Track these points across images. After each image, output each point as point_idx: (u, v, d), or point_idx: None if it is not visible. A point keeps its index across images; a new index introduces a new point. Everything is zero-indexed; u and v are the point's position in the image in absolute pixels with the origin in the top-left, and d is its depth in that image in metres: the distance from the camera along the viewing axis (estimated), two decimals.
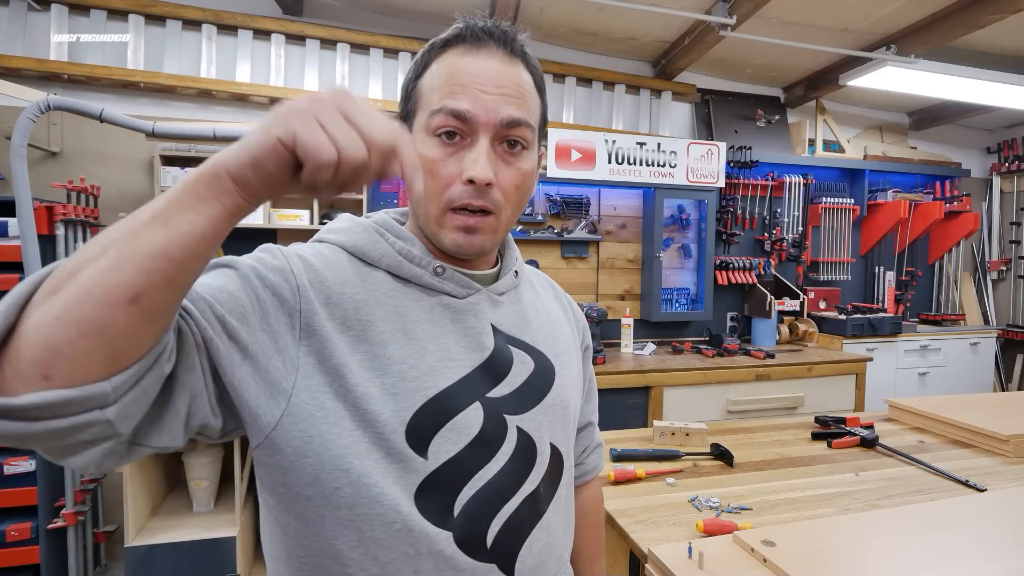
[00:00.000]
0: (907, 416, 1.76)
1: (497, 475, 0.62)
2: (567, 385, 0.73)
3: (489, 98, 0.61)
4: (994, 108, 3.66)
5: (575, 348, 0.81)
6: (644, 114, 3.40)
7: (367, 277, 0.64)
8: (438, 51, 0.64)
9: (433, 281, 0.65)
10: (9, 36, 2.42)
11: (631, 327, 3.02)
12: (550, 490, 0.69)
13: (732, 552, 0.91)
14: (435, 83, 0.62)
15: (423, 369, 0.61)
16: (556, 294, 0.87)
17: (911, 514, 1.03)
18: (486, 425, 0.62)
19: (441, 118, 0.61)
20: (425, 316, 0.64)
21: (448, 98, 0.60)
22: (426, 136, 0.62)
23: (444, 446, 0.60)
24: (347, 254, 0.66)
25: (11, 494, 2.03)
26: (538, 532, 0.66)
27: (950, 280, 4.06)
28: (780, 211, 3.56)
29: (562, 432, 0.71)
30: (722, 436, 1.60)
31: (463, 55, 0.62)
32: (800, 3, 2.70)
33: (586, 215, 3.17)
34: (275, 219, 2.55)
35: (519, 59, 0.65)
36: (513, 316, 0.71)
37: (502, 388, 0.65)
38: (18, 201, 1.88)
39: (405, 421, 0.58)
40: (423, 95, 0.64)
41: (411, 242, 0.66)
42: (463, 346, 0.64)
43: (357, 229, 0.67)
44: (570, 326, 0.83)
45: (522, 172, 0.64)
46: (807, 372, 2.83)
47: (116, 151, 2.55)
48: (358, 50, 2.87)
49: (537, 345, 0.71)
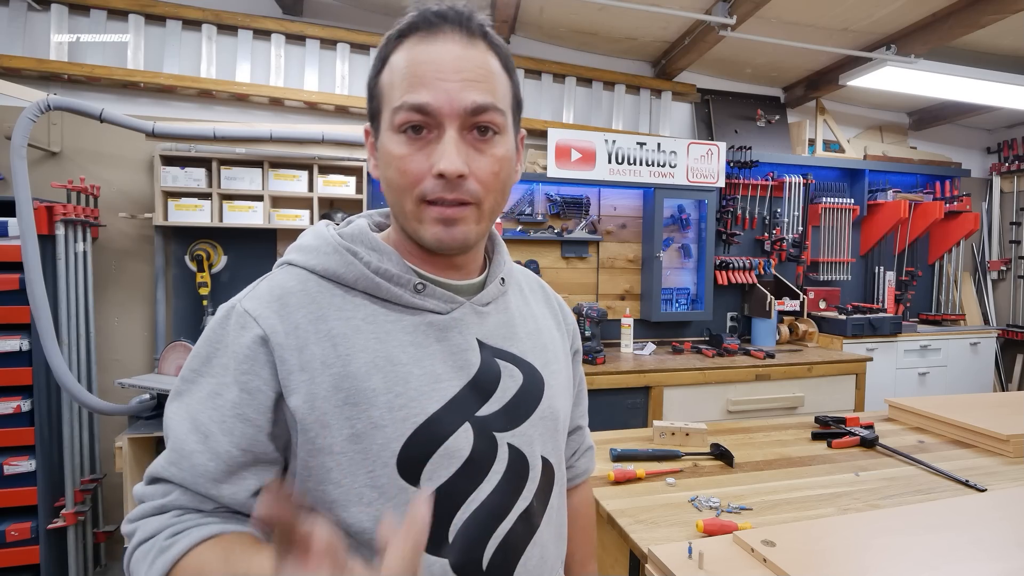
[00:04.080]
0: (907, 416, 1.76)
1: (490, 496, 0.62)
2: (556, 395, 0.72)
3: (450, 86, 0.57)
4: (994, 108, 3.66)
5: (564, 354, 0.79)
6: (644, 114, 3.40)
7: (342, 303, 0.61)
8: (394, 43, 0.61)
9: (414, 300, 0.63)
10: (9, 36, 2.42)
11: (631, 327, 3.01)
12: (542, 504, 0.68)
13: (732, 552, 0.91)
14: (394, 78, 0.59)
15: (410, 396, 0.59)
16: (546, 296, 0.83)
17: (911, 514, 1.03)
18: (476, 446, 0.61)
19: (403, 115, 0.58)
20: (408, 338, 0.61)
21: (408, 93, 0.58)
22: (392, 134, 0.59)
23: (436, 472, 0.59)
24: (317, 278, 0.62)
25: (11, 494, 2.03)
26: (532, 548, 0.65)
27: (950, 280, 4.06)
28: (780, 211, 3.56)
29: (552, 444, 0.70)
30: (722, 436, 1.60)
31: (418, 44, 0.59)
32: (800, 3, 2.70)
33: (586, 215, 3.17)
34: (275, 219, 2.55)
35: (480, 39, 0.61)
36: (500, 327, 0.69)
37: (491, 405, 0.64)
38: (18, 201, 1.88)
39: (396, 453, 0.58)
40: (385, 92, 0.61)
41: (387, 256, 0.63)
42: (449, 365, 0.62)
43: (327, 249, 0.63)
44: (559, 331, 0.80)
45: (497, 158, 0.61)
46: (807, 372, 2.83)
47: (116, 151, 2.55)
48: (358, 50, 2.87)
49: (525, 356, 0.69)
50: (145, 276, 2.61)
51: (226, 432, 0.57)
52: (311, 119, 2.85)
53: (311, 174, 2.62)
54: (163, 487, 0.59)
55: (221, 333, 0.60)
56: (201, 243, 2.60)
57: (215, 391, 0.58)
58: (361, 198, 2.68)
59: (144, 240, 2.59)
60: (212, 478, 0.57)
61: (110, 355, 2.58)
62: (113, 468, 2.14)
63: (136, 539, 0.58)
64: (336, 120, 2.88)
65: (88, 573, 2.34)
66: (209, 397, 0.58)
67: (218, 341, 0.60)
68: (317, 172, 2.61)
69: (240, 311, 0.60)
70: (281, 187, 2.57)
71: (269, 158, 2.55)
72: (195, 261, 2.56)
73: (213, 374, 0.59)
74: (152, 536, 0.57)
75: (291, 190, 2.58)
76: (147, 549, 0.56)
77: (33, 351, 2.03)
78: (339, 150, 2.58)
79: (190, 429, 0.58)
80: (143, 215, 2.49)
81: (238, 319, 0.59)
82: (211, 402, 0.58)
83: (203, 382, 0.59)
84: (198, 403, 0.59)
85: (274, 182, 2.57)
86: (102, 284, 2.54)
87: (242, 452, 0.57)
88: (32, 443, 2.04)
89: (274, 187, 2.56)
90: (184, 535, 0.56)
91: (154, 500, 0.59)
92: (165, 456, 0.59)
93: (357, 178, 2.67)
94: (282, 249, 2.71)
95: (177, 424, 0.59)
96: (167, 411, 0.61)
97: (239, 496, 0.59)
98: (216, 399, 0.58)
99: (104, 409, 2.02)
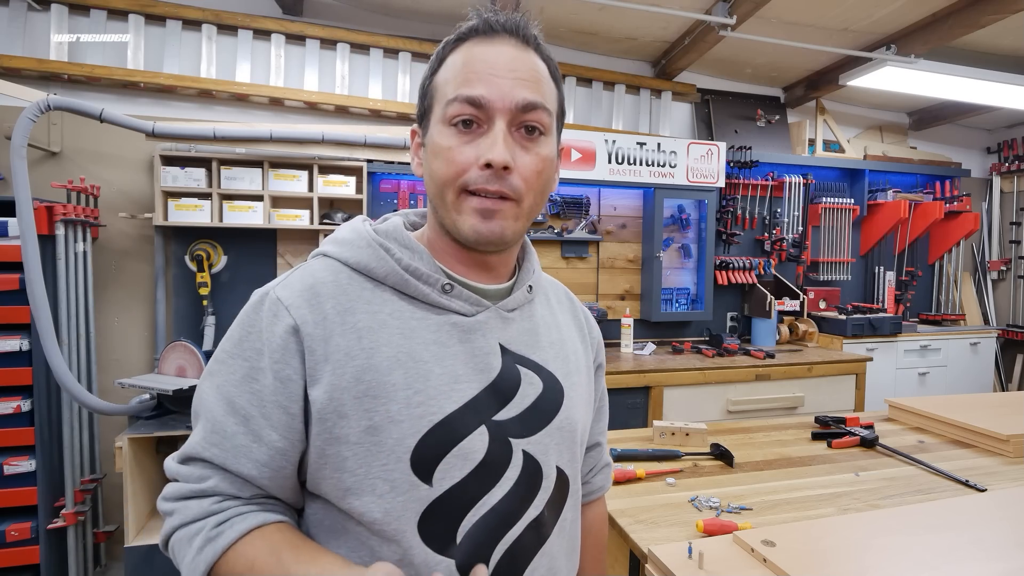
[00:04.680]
0: (907, 416, 1.76)
1: (501, 501, 0.62)
2: (576, 406, 0.71)
3: (503, 82, 0.60)
4: (994, 108, 3.66)
5: (586, 367, 0.78)
6: (644, 114, 3.40)
7: (371, 297, 0.63)
8: (452, 47, 0.64)
9: (441, 299, 0.64)
10: (9, 36, 2.42)
11: (631, 327, 3.01)
12: (554, 514, 0.68)
13: (732, 552, 0.91)
14: (449, 75, 0.62)
15: (429, 394, 0.60)
16: (573, 308, 0.83)
17: (911, 514, 1.03)
18: (491, 449, 0.62)
19: (456, 106, 0.60)
20: (432, 336, 0.62)
21: (463, 86, 0.60)
22: (443, 127, 0.62)
23: (449, 472, 0.59)
24: (349, 271, 0.64)
25: (11, 494, 2.03)
26: (540, 558, 0.65)
27: (950, 280, 4.06)
28: (780, 211, 3.56)
29: (569, 455, 0.70)
30: (722, 436, 1.60)
31: (475, 46, 0.62)
32: (800, 3, 2.70)
33: (586, 215, 3.17)
34: (275, 219, 2.55)
35: (533, 48, 0.64)
36: (523, 333, 0.69)
37: (509, 410, 0.64)
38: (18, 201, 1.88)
39: (410, 448, 0.58)
40: (439, 89, 0.63)
41: (419, 255, 0.65)
42: (470, 367, 0.63)
43: (360, 243, 0.65)
44: (583, 344, 0.80)
45: (541, 157, 0.63)
46: (807, 372, 2.83)
47: (116, 151, 2.55)
48: (358, 50, 2.87)
49: (547, 365, 0.69)
50: (145, 276, 2.61)
51: (266, 416, 0.59)
52: (311, 119, 2.85)
53: (311, 174, 2.62)
54: (200, 470, 0.60)
55: (255, 318, 0.61)
56: (201, 243, 2.60)
57: (249, 375, 0.60)
58: (361, 198, 2.68)
59: (144, 240, 2.59)
60: (255, 460, 0.59)
61: (110, 355, 2.58)
62: (113, 468, 2.13)
63: (176, 520, 0.59)
64: (336, 120, 2.88)
65: (88, 573, 2.34)
66: (244, 380, 0.60)
67: (251, 325, 0.61)
68: (317, 172, 2.61)
69: (273, 299, 0.61)
70: (281, 187, 2.57)
71: (269, 158, 2.55)
72: (195, 261, 2.56)
73: (246, 357, 0.60)
74: (193, 520, 0.59)
75: (291, 190, 2.58)
76: (190, 534, 0.58)
77: (33, 351, 2.03)
78: (339, 150, 2.58)
79: (227, 411, 0.59)
80: (143, 215, 2.49)
81: (271, 306, 0.61)
82: (247, 386, 0.59)
83: (237, 364, 0.61)
84: (234, 385, 0.60)
85: (274, 182, 2.57)
86: (102, 284, 2.54)
87: (281, 437, 0.59)
88: (32, 443, 2.03)
89: (274, 187, 2.56)
90: (229, 525, 0.58)
91: (191, 483, 0.60)
92: (201, 435, 0.60)
93: (357, 178, 2.67)
94: (282, 249, 2.71)
95: (214, 404, 0.60)
96: (200, 388, 0.63)
97: (278, 481, 0.60)
98: (252, 383, 0.59)
99: (104, 409, 2.02)
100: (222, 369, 0.61)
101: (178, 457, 0.62)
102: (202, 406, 0.61)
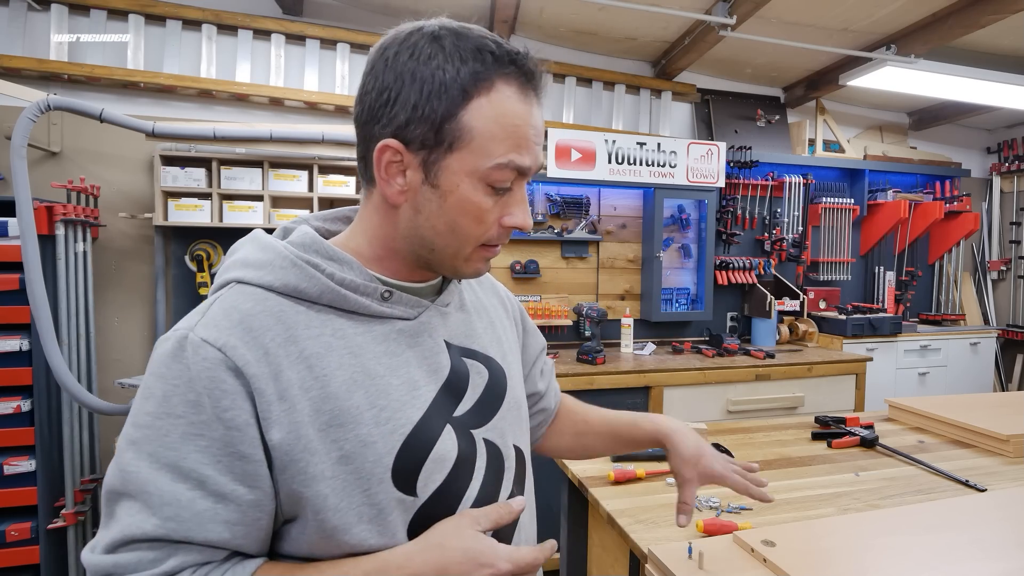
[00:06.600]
0: (907, 416, 1.75)
1: (479, 492, 0.64)
2: (517, 384, 0.76)
3: (538, 151, 0.61)
4: (994, 108, 3.65)
5: (516, 341, 0.83)
6: (644, 114, 3.40)
7: (309, 320, 0.58)
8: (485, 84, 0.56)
9: (382, 308, 0.62)
10: (9, 36, 2.42)
11: (631, 327, 3.01)
12: (520, 490, 0.72)
13: (732, 552, 0.91)
14: (493, 130, 0.57)
15: (393, 407, 0.59)
16: (492, 284, 0.87)
17: (911, 514, 1.03)
18: (461, 446, 0.63)
19: (507, 173, 0.58)
20: (381, 348, 0.60)
21: (513, 153, 0.58)
22: (479, 183, 0.58)
23: (431, 477, 0.60)
24: (276, 296, 0.58)
25: (11, 494, 2.03)
26: (518, 533, 0.69)
27: (950, 280, 4.06)
28: (780, 211, 3.55)
29: (520, 430, 0.74)
30: (722, 436, 1.60)
31: (516, 102, 0.58)
32: (800, 3, 2.70)
33: (586, 215, 3.17)
34: (275, 219, 2.55)
35: None
36: (461, 325, 0.71)
37: (464, 404, 0.66)
38: (18, 201, 1.88)
39: (389, 467, 0.57)
40: (474, 137, 0.56)
41: (348, 265, 0.61)
42: (424, 370, 0.63)
43: (282, 263, 0.58)
44: (509, 319, 0.84)
45: None
46: (807, 372, 2.83)
47: (116, 151, 2.55)
48: (358, 50, 2.87)
49: (487, 351, 0.72)
50: (145, 276, 2.61)
51: (224, 472, 0.52)
52: (311, 119, 2.85)
53: (311, 174, 2.62)
54: (153, 552, 0.51)
55: (179, 368, 0.52)
56: (201, 243, 2.60)
57: (190, 432, 0.51)
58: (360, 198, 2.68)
59: (144, 240, 2.59)
60: (225, 521, 0.52)
61: (110, 355, 2.58)
62: None
63: None
64: (336, 120, 2.88)
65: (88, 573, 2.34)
66: (186, 439, 0.51)
67: (176, 378, 0.52)
68: (317, 172, 2.61)
69: (197, 342, 0.53)
70: (281, 187, 2.57)
71: (269, 158, 2.55)
72: (195, 261, 2.56)
73: (179, 414, 0.52)
74: None
75: (291, 190, 2.58)
76: None
77: (33, 351, 2.03)
78: (339, 150, 2.58)
79: (174, 478, 0.51)
80: (143, 215, 2.49)
81: (197, 351, 0.52)
82: (191, 444, 0.51)
83: (169, 425, 0.52)
84: (172, 449, 0.51)
85: (274, 182, 2.57)
86: (102, 284, 2.54)
87: (249, 490, 0.53)
88: (32, 443, 2.04)
89: (274, 187, 2.56)
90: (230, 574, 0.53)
91: (145, 570, 0.51)
92: (142, 514, 0.50)
93: (357, 178, 2.67)
94: None
95: (151, 475, 0.51)
96: (122, 463, 0.52)
97: (254, 534, 0.55)
98: (197, 440, 0.51)
99: (104, 409, 2.02)
100: (150, 435, 0.52)
101: (105, 547, 0.52)
102: (132, 482, 0.51)
